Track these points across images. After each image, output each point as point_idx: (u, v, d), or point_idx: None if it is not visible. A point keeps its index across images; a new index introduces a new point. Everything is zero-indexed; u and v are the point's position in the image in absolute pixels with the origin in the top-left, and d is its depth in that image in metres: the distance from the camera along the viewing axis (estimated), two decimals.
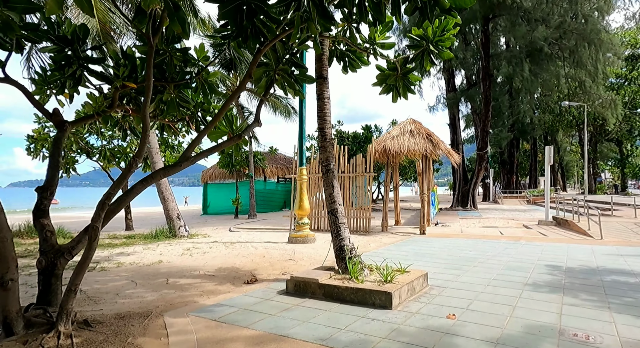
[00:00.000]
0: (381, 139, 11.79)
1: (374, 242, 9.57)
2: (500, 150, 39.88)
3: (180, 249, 7.74)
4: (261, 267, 6.37)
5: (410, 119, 12.23)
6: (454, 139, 23.26)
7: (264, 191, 21.51)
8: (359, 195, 11.50)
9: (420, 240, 9.92)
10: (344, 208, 10.52)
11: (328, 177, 5.76)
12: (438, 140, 11.32)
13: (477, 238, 10.09)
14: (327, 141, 5.82)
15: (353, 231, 11.50)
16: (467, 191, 21.81)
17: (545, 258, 7.28)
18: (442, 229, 12.39)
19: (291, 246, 8.31)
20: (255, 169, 20.29)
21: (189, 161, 4.40)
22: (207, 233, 10.98)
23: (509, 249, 8.34)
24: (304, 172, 9.20)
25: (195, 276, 5.64)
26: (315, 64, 5.95)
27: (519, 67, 19.03)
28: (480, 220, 15.52)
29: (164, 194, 9.80)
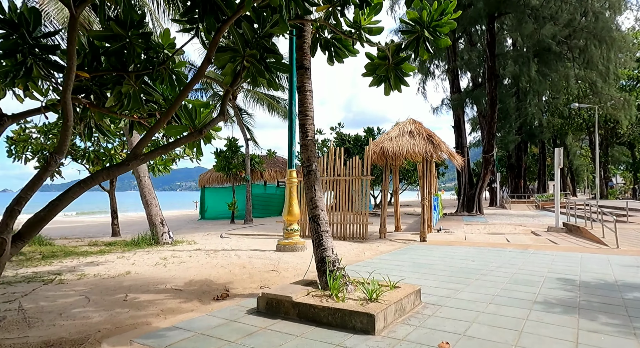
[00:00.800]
0: (379, 141, 11.14)
1: (369, 250, 8.91)
2: (507, 154, 38.96)
3: (157, 258, 7.15)
4: (238, 279, 5.75)
5: (410, 119, 11.58)
6: (459, 141, 22.51)
7: (263, 196, 20.93)
8: (355, 199, 10.85)
9: (419, 248, 9.23)
10: (334, 214, 9.86)
11: (309, 179, 5.14)
12: (439, 141, 10.65)
13: (482, 246, 9.38)
14: (309, 139, 5.21)
15: (349, 237, 10.84)
16: (472, 196, 21.02)
17: (556, 269, 6.56)
18: (444, 236, 11.68)
19: (278, 255, 7.68)
20: (254, 173, 19.74)
21: (140, 159, 3.81)
22: (194, 240, 10.39)
23: (515, 259, 7.63)
24: (294, 175, 8.59)
25: (160, 290, 5.03)
26: (296, 53, 5.34)
27: (526, 67, 18.30)
28: (486, 226, 14.76)
29: (146, 199, 9.24)
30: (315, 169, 5.18)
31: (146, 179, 9.33)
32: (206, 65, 4.06)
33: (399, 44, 4.85)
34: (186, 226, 17.10)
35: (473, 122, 39.94)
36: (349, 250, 8.78)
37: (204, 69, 4.12)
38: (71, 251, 7.92)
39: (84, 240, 10.67)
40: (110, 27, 3.75)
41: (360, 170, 10.92)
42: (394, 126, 11.48)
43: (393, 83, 5.05)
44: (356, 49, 5.35)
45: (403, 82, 5.09)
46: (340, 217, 10.97)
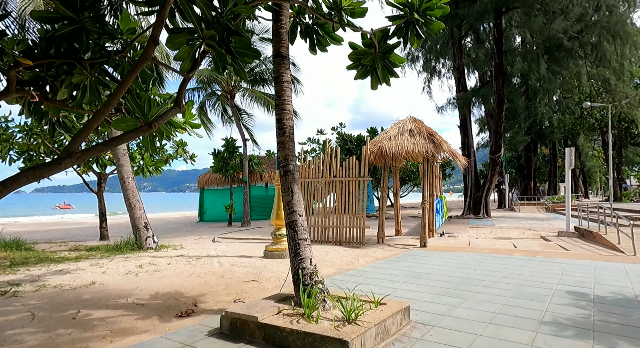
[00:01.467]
0: (377, 140, 10.55)
1: (364, 257, 8.32)
2: (517, 154, 37.98)
3: (133, 265, 6.65)
4: (212, 291, 5.21)
5: (410, 117, 10.97)
6: (465, 142, 21.77)
7: (263, 198, 20.43)
8: (352, 202, 10.27)
9: (418, 254, 8.61)
10: (330, 217, 9.32)
11: (287, 181, 4.60)
12: (441, 140, 10.02)
13: (486, 253, 8.73)
14: (286, 136, 4.66)
15: (346, 242, 10.26)
16: (479, 198, 20.27)
17: (567, 280, 5.91)
18: (447, 240, 11.03)
19: (263, 263, 7.14)
20: (253, 174, 19.26)
21: (75, 157, 3.30)
22: (182, 244, 9.91)
23: (522, 268, 6.98)
24: None
25: (119, 306, 4.51)
26: (272, 39, 4.81)
27: (535, 64, 17.52)
28: (492, 230, 14.06)
29: (130, 201, 8.77)
30: (293, 170, 4.63)
31: (130, 180, 8.88)
32: (152, 46, 3.52)
33: (385, 30, 4.29)
34: (183, 229, 16.67)
35: (481, 122, 39.08)
36: (341, 256, 8.20)
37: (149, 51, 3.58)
38: (46, 258, 7.48)
39: (68, 244, 10.26)
40: None
41: (357, 171, 10.34)
42: (393, 124, 10.89)
43: (381, 75, 4.50)
44: (339, 36, 4.80)
45: (392, 74, 4.55)
46: (336, 220, 10.40)
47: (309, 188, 10.87)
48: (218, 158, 17.37)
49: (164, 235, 13.54)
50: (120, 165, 8.80)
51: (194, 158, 13.78)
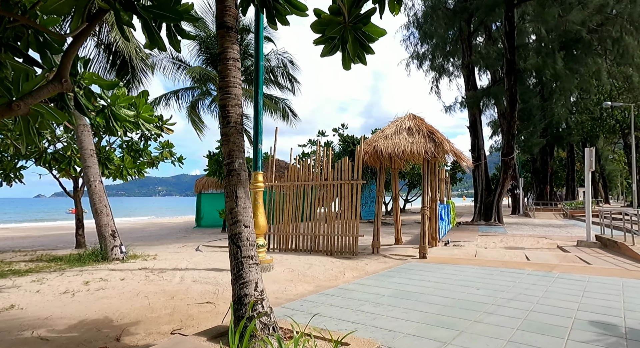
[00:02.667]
0: (372, 139, 9.57)
1: (352, 270, 7.32)
2: (532, 158, 36.35)
3: (78, 283, 5.80)
4: (152, 318, 4.31)
5: (410, 114, 9.96)
6: (475, 143, 20.55)
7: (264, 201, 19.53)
8: (345, 207, 9.29)
9: (415, 267, 7.57)
10: (320, 225, 8.36)
11: (230, 182, 3.67)
12: (442, 139, 8.98)
13: (493, 266, 7.63)
14: (232, 126, 3.75)
15: (338, 252, 9.27)
16: (490, 203, 19.02)
17: (589, 305, 4.82)
18: (451, 250, 9.93)
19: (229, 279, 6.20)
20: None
21: None
22: (157, 254, 9.06)
23: (535, 286, 5.90)
24: (260, 178, 7.13)
25: (17, 341, 3.63)
26: (216, 7, 3.91)
27: (551, 59, 16.25)
28: (503, 238, 12.86)
29: (96, 207, 7.98)
30: (239, 169, 3.70)
31: (97, 184, 8.08)
32: None
33: None
34: (174, 235, 15.92)
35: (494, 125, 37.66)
36: (326, 269, 7.22)
37: None
38: None
39: (36, 253, 9.52)
40: None
41: (350, 173, 9.37)
42: (391, 122, 9.89)
43: (351, 50, 3.55)
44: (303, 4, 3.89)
45: (367, 50, 3.60)
46: (326, 228, 9.42)
47: (297, 192, 9.94)
48: (212, 161, 16.58)
49: (149, 243, 12.79)
50: (87, 167, 8.02)
51: (182, 160, 13.02)
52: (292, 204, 9.94)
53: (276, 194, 10.18)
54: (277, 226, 10.01)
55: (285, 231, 9.87)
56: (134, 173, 11.14)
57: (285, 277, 6.46)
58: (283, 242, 9.91)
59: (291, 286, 5.89)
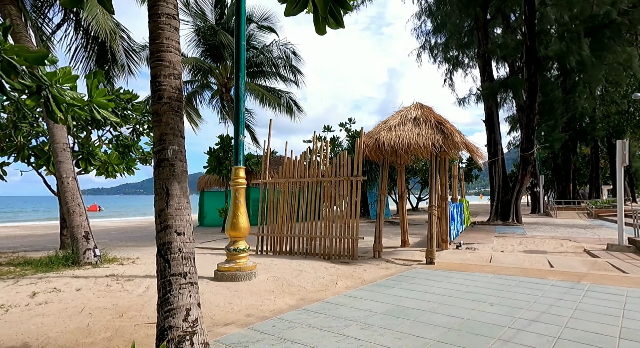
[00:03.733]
0: (373, 131, 8.64)
1: (347, 279, 6.43)
2: (553, 154, 34.60)
3: (25, 294, 5.06)
4: (83, 344, 3.53)
5: (416, 103, 8.98)
6: (491, 138, 19.29)
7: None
8: (343, 207, 8.39)
9: (419, 275, 6.62)
10: (317, 226, 7.59)
11: (160, 175, 2.84)
12: (452, 130, 7.97)
13: (510, 275, 6.62)
14: (164, 103, 2.91)
15: (336, 255, 8.39)
16: (508, 202, 17.77)
17: (634, 329, 3.82)
18: (463, 254, 8.92)
19: (203, 288, 5.40)
20: (252, 175, 17.67)
21: None
22: (139, 257, 8.36)
23: (562, 302, 4.90)
24: (241, 174, 6.30)
25: None
26: None
27: (575, 45, 14.86)
28: (522, 240, 11.73)
29: (68, 206, 7.29)
30: (172, 159, 2.86)
31: (70, 181, 7.40)
32: None
33: None
34: None
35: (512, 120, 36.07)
36: (317, 277, 6.34)
37: None
38: None
39: (14, 254, 8.95)
40: None
41: (350, 169, 8.46)
42: (395, 112, 8.93)
43: (321, 6, 2.68)
44: None
45: (343, 4, 2.74)
46: (323, 229, 8.55)
47: (293, 189, 9.09)
48: (212, 157, 15.90)
49: (141, 243, 12.16)
50: (59, 162, 7.33)
51: None
52: (286, 202, 9.10)
53: (270, 193, 9.35)
54: (270, 226, 9.19)
55: (280, 233, 9.04)
56: (121, 170, 10.47)
57: (267, 287, 5.61)
58: (277, 244, 9.08)
59: (270, 299, 5.05)
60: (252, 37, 16.51)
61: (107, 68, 8.95)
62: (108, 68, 8.95)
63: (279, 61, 15.69)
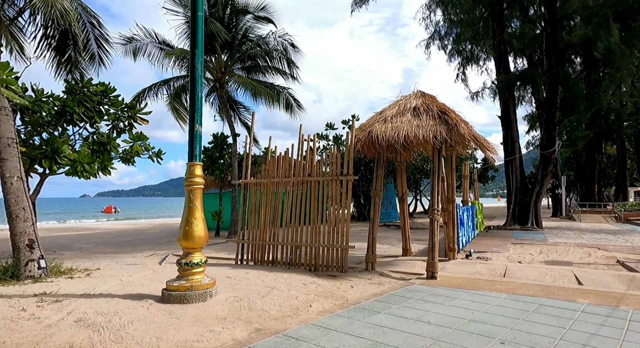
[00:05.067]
0: (366, 123, 7.49)
1: (326, 298, 5.29)
2: (575, 153, 32.56)
3: None
4: None
5: (418, 91, 7.78)
6: (508, 135, 17.78)
7: None
8: (330, 210, 7.26)
9: (417, 294, 5.43)
10: (301, 232, 6.56)
11: None
12: (457, 120, 6.74)
13: (530, 295, 5.37)
14: None
15: (323, 267, 7.27)
16: (526, 204, 16.27)
17: None
18: (473, 265, 7.65)
19: (136, 315, 4.34)
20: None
21: None
22: (100, 268, 7.41)
23: (599, 339, 3.67)
24: (198, 172, 5.24)
25: None
26: None
27: (603, 29, 13.29)
28: (543, 248, 10.35)
29: (11, 210, 6.37)
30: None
31: (14, 181, 6.48)
32: None
33: None
34: (161, 239, 14.42)
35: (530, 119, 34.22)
36: (289, 297, 5.23)
37: None
38: None
39: None
40: None
41: (338, 167, 7.33)
42: (393, 102, 7.75)
43: None
44: None
45: None
46: (309, 236, 7.43)
47: (277, 191, 8.00)
48: (206, 157, 14.97)
49: (119, 249, 11.30)
50: (2, 159, 6.43)
51: (161, 155, 11.42)
52: (269, 206, 8.01)
53: (251, 194, 8.29)
54: (251, 232, 8.13)
55: (261, 240, 7.96)
56: (95, 169, 9.59)
57: (220, 312, 4.52)
58: (258, 253, 8.01)
59: (216, 331, 3.96)
60: (248, 30, 15.54)
61: (68, 55, 8.04)
62: (71, 55, 8.04)
63: (275, 53, 14.65)
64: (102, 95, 9.71)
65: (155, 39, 13.85)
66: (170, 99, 14.53)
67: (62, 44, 7.74)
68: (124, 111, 10.29)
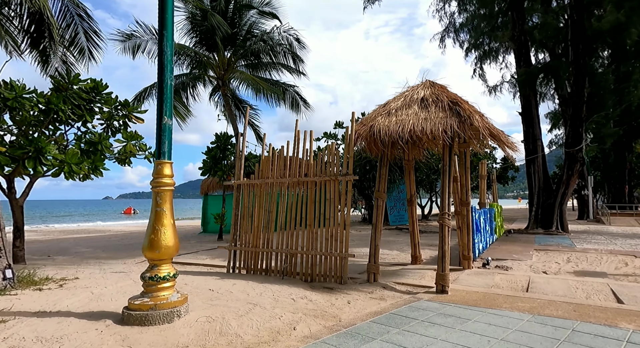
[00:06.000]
0: (368, 117, 6.70)
1: (314, 319, 4.54)
2: (602, 152, 30.78)
3: None
4: None
5: (426, 81, 6.95)
6: (529, 133, 16.59)
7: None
8: (330, 214, 6.50)
9: (423, 313, 4.61)
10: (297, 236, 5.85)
11: None
12: (471, 111, 5.88)
13: (560, 317, 4.48)
14: None
15: (320, 277, 6.52)
16: (551, 206, 15.08)
17: None
18: (491, 277, 6.75)
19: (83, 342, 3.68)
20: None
21: None
22: (79, 278, 6.85)
23: None
24: (167, 171, 4.57)
25: None
26: None
27: (637, 14, 12.04)
28: (571, 256, 9.31)
29: None
30: None
31: None
32: None
33: None
34: None
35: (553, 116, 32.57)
36: (272, 316, 4.49)
37: None
38: None
39: None
40: None
41: (337, 166, 6.57)
42: (399, 93, 6.94)
43: None
44: None
45: None
46: (305, 242, 6.69)
47: (272, 191, 7.30)
48: (209, 157, 14.43)
49: (113, 254, 10.82)
50: None
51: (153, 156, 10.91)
52: (263, 209, 7.31)
53: (244, 196, 7.61)
54: (244, 238, 7.44)
55: (254, 246, 7.26)
56: (85, 170, 9.09)
57: (183, 338, 3.83)
58: (251, 260, 7.31)
59: None
60: (253, 26, 14.95)
61: (43, 46, 7.55)
62: (46, 47, 7.55)
63: (279, 48, 14.00)
64: (93, 92, 9.24)
65: (155, 35, 13.38)
66: None
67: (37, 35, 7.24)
68: (118, 110, 9.79)
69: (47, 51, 7.61)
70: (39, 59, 7.82)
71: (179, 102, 14.25)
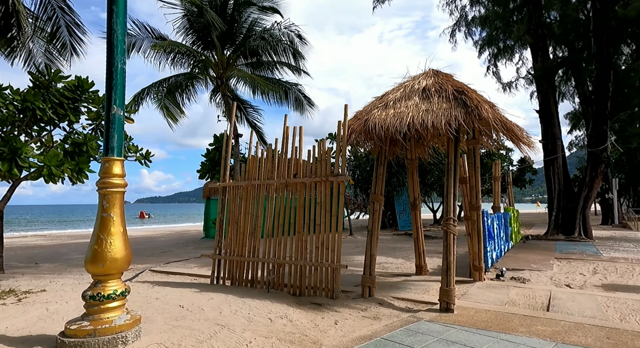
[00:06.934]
0: (363, 111, 5.95)
1: (292, 345, 3.79)
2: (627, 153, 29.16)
3: None
4: None
5: (430, 70, 6.17)
6: (548, 132, 15.50)
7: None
8: (321, 219, 5.76)
9: (421, 340, 3.82)
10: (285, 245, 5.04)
11: None
12: (480, 101, 5.08)
13: (589, 346, 3.63)
14: None
15: (310, 290, 5.78)
16: (572, 210, 13.97)
17: None
18: (505, 291, 5.88)
19: None
20: None
21: None
22: (47, 290, 6.27)
23: None
24: (117, 170, 3.92)
25: None
26: None
27: None
28: (597, 266, 8.31)
29: None
30: None
31: None
32: None
33: None
34: (160, 249, 13.38)
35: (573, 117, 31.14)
36: (236, 344, 3.79)
37: None
38: None
39: None
40: None
41: (328, 167, 5.84)
42: (399, 84, 6.17)
43: None
44: None
45: None
46: (294, 250, 5.96)
47: (258, 194, 6.60)
48: (207, 159, 13.87)
49: None
50: None
51: (149, 156, 10.40)
52: (249, 214, 6.62)
53: (230, 200, 6.93)
54: (229, 245, 6.76)
55: (240, 255, 6.56)
56: (68, 173, 8.57)
57: None
58: (236, 271, 6.62)
59: None
60: (254, 22, 14.40)
61: (11, 35, 7.04)
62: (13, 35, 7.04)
63: (279, 45, 13.39)
64: (77, 90, 8.76)
65: (151, 34, 12.94)
66: (162, 98, 13.52)
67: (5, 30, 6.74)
68: None
69: (14, 41, 7.11)
70: (3, 50, 7.33)
71: (171, 101, 13.74)
